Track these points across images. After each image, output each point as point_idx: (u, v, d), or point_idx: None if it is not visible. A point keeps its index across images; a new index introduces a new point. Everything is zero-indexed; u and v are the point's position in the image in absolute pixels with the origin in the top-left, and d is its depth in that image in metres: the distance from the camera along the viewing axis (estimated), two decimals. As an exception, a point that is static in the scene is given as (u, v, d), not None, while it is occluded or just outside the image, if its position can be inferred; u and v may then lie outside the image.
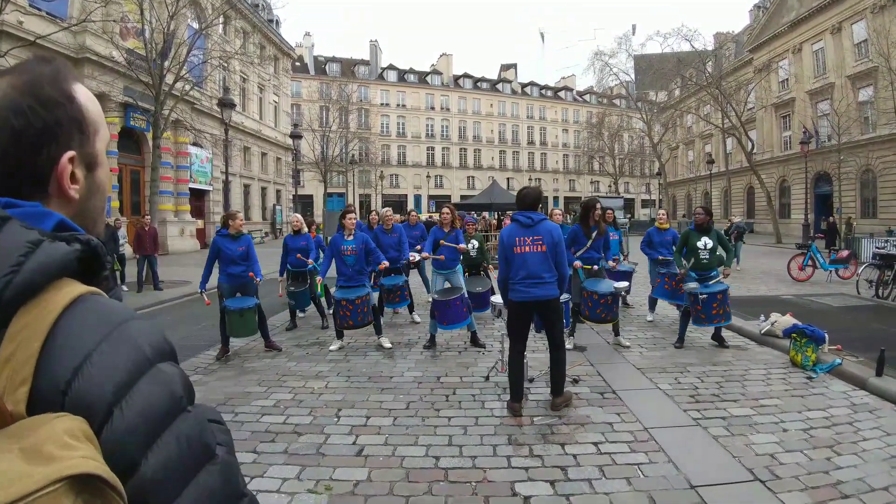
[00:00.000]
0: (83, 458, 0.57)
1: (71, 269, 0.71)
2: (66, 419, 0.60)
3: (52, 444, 0.56)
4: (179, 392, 0.72)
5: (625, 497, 3.62)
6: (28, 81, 0.78)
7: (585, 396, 5.61)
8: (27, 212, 0.73)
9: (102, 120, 0.87)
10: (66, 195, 0.80)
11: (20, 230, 0.68)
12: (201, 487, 0.69)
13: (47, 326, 0.65)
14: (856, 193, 33.09)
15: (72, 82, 0.82)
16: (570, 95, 76.78)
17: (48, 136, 0.77)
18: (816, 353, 6.53)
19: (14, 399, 0.61)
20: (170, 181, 25.06)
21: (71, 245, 0.71)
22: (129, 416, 0.64)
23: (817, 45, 36.07)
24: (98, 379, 0.64)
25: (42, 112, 0.76)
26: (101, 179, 0.87)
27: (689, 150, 58.18)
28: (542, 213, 5.35)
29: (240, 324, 7.13)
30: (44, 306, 0.66)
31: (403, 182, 65.30)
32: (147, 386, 0.68)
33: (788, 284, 14.07)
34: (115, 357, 0.67)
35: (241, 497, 0.75)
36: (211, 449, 0.73)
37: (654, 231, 9.41)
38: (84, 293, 0.71)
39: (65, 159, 0.78)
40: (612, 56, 46.02)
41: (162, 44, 16.65)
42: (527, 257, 5.12)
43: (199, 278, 7.75)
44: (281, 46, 42.58)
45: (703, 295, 7.21)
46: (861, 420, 4.93)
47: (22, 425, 0.59)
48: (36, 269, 0.66)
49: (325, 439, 4.58)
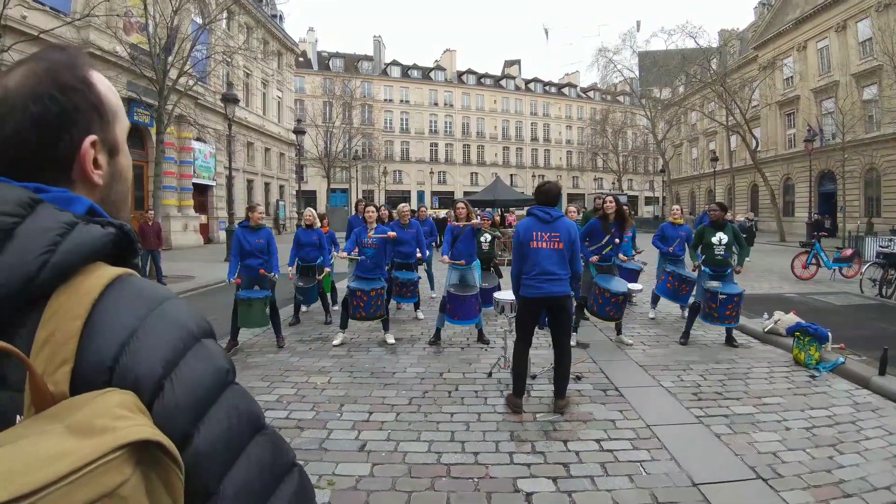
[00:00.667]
0: (141, 426, 0.57)
1: (105, 252, 0.72)
2: (116, 393, 0.60)
3: (105, 417, 0.56)
4: (226, 366, 0.73)
5: (627, 494, 3.62)
6: (45, 69, 0.78)
7: (588, 393, 5.62)
8: (57, 196, 0.73)
9: (121, 107, 0.87)
10: (89, 180, 0.80)
11: (54, 212, 0.69)
12: (252, 458, 0.70)
13: (88, 305, 0.65)
14: (860, 192, 32.99)
15: (88, 69, 0.82)
16: (574, 92, 76.57)
17: (68, 121, 0.77)
18: (819, 352, 6.53)
19: (55, 379, 0.61)
20: (173, 176, 25.07)
21: (105, 228, 0.72)
22: (180, 389, 0.65)
23: (822, 43, 35.93)
24: (146, 354, 0.65)
25: (61, 98, 0.76)
26: (123, 166, 0.87)
27: (693, 148, 58.08)
28: (560, 210, 5.34)
29: (248, 314, 7.12)
30: (81, 288, 0.66)
31: (407, 178, 65.26)
32: (194, 360, 0.69)
33: (792, 282, 14.06)
34: (162, 333, 0.68)
35: (292, 467, 0.77)
36: (260, 421, 0.74)
37: (667, 226, 9.41)
38: (122, 273, 0.71)
39: (87, 143, 0.78)
40: (616, 52, 46.08)
41: (165, 39, 16.61)
42: (542, 253, 5.09)
43: (201, 273, 7.76)
44: (284, 42, 42.51)
45: (723, 295, 7.19)
46: (864, 419, 4.93)
47: (65, 404, 0.59)
48: (72, 249, 0.66)
49: (328, 434, 4.59)
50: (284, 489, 0.73)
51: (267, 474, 0.71)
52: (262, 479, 0.70)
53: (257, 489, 0.69)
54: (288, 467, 0.75)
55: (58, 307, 0.64)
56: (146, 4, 16.52)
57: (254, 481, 0.69)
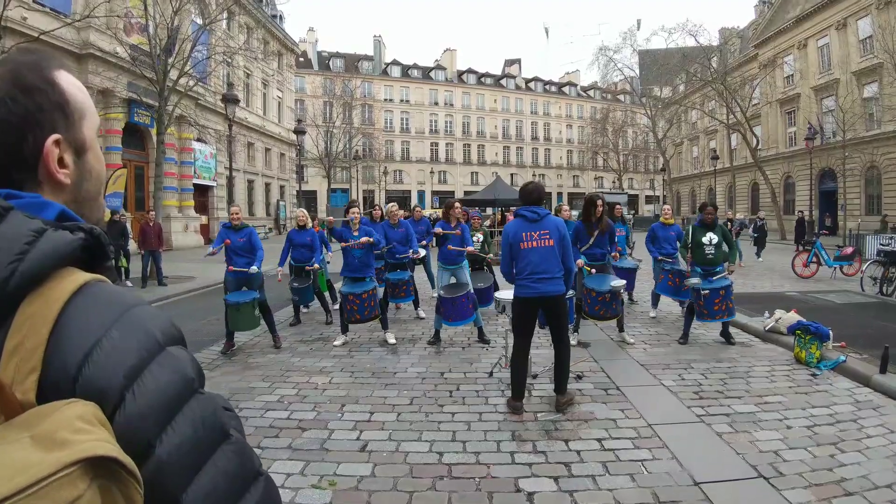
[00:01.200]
0: (97, 441, 0.57)
1: (75, 257, 0.71)
2: (78, 405, 0.60)
3: (65, 430, 0.56)
4: (191, 374, 0.72)
5: (628, 493, 3.62)
6: (9, 71, 0.78)
7: (589, 393, 5.61)
8: (28, 202, 0.74)
9: (90, 105, 0.87)
10: (55, 180, 0.80)
11: (23, 219, 0.69)
12: (217, 468, 0.69)
13: (55, 314, 0.65)
14: (860, 190, 32.94)
15: (54, 69, 0.82)
16: (575, 91, 76.50)
17: (31, 121, 0.77)
18: (821, 350, 6.52)
19: (23, 388, 0.61)
20: (174, 177, 25.10)
21: (74, 234, 0.72)
22: (142, 399, 0.65)
23: (822, 41, 35.89)
24: (109, 363, 0.65)
25: (23, 99, 0.77)
26: (92, 164, 0.87)
27: (693, 146, 58.03)
28: (546, 209, 5.33)
29: (237, 318, 7.14)
30: (50, 294, 0.66)
31: (407, 178, 65.26)
32: (158, 369, 0.68)
33: (793, 281, 14.05)
34: (126, 341, 0.67)
35: (258, 476, 0.76)
36: (225, 429, 0.73)
37: (658, 226, 9.40)
38: (90, 280, 0.71)
39: (49, 142, 0.78)
40: (616, 51, 46.15)
41: (166, 39, 16.61)
42: (534, 252, 5.08)
43: (202, 273, 7.78)
44: (285, 42, 42.51)
45: (706, 290, 7.22)
46: (865, 417, 4.92)
47: (33, 413, 0.59)
48: (41, 257, 0.66)
49: (329, 435, 4.59)
50: (249, 498, 0.72)
51: (232, 483, 0.70)
52: (227, 489, 0.70)
53: (222, 498, 0.69)
54: (254, 476, 0.75)
55: (28, 315, 0.64)
56: (146, 5, 16.52)
57: (219, 491, 0.68)
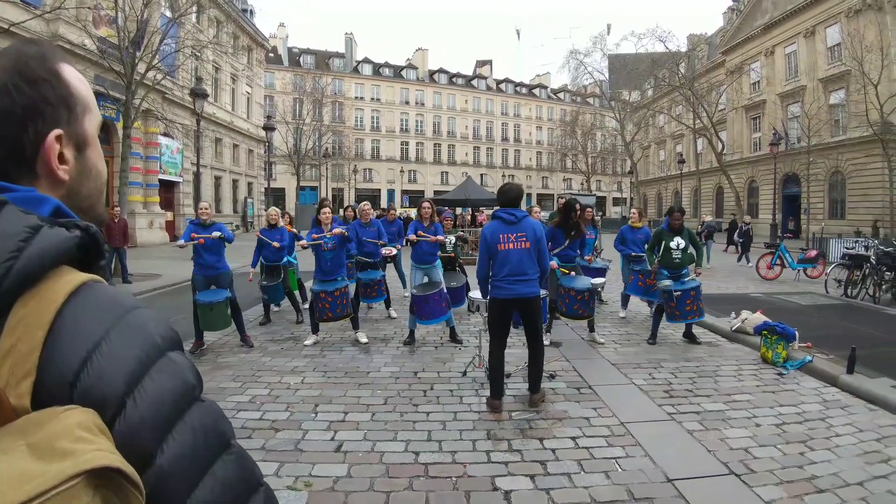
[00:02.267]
0: (100, 452, 0.55)
1: (70, 255, 0.69)
2: (77, 412, 0.58)
3: (65, 439, 0.54)
4: (192, 381, 0.70)
5: (603, 490, 3.65)
6: (13, 61, 0.76)
7: (562, 392, 5.66)
8: (23, 196, 0.71)
9: (92, 101, 0.84)
10: (54, 175, 0.77)
11: (19, 215, 0.66)
12: (218, 478, 0.68)
13: (51, 315, 0.62)
14: (824, 195, 33.78)
15: (58, 61, 0.80)
16: (545, 93, 77.15)
17: (34, 112, 0.75)
18: (787, 350, 6.67)
19: (17, 393, 0.58)
20: (139, 172, 24.57)
21: (71, 231, 0.69)
22: (143, 406, 0.63)
23: (790, 48, 36.74)
24: (109, 369, 0.62)
25: (27, 89, 0.75)
26: (93, 161, 0.84)
27: (660, 150, 58.98)
28: (524, 210, 5.36)
29: (210, 318, 7.03)
30: (45, 295, 0.64)
31: (377, 176, 65.01)
32: (159, 375, 0.66)
33: (757, 283, 14.34)
34: (126, 346, 0.65)
35: (259, 486, 0.74)
36: (226, 438, 0.72)
37: (626, 229, 9.52)
38: (87, 281, 0.68)
39: (51, 137, 0.76)
40: (587, 55, 46.87)
41: (135, 32, 16.30)
42: (511, 254, 5.12)
43: (168, 271, 7.64)
44: (255, 37, 41.99)
45: (678, 292, 7.32)
46: (833, 416, 5.04)
47: (28, 420, 0.56)
48: (37, 255, 0.64)
49: (304, 435, 4.54)
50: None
51: (233, 494, 0.69)
52: (227, 499, 0.68)
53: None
54: (254, 487, 0.74)
55: (22, 315, 0.62)
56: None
57: (219, 501, 0.67)
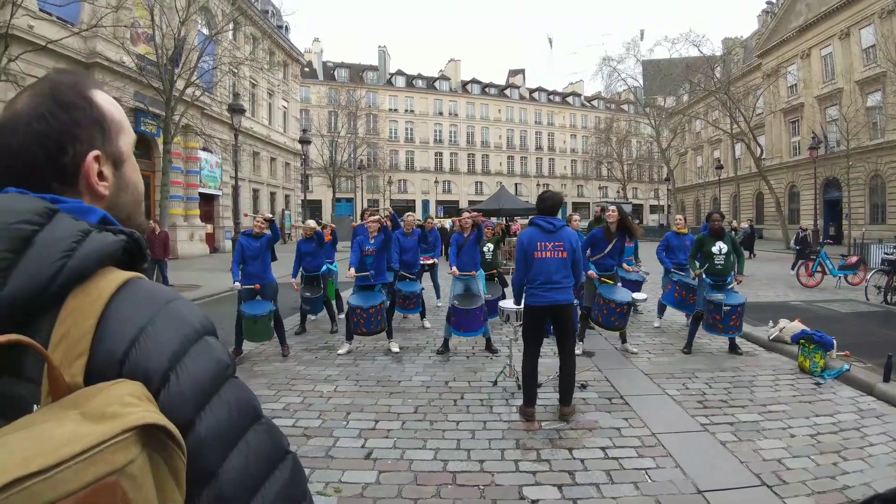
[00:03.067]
0: (148, 412, 0.63)
1: (116, 257, 0.78)
2: (127, 384, 0.66)
3: (116, 404, 0.61)
4: (226, 360, 0.80)
5: (632, 501, 3.63)
6: (49, 89, 0.85)
7: (593, 402, 5.63)
8: (72, 207, 0.80)
9: (125, 121, 0.94)
10: (95, 191, 0.86)
11: (70, 221, 0.75)
12: (250, 445, 0.75)
13: (102, 305, 0.72)
14: (864, 199, 32.91)
15: (91, 88, 0.89)
16: (579, 101, 76.66)
17: (70, 136, 0.83)
18: (825, 359, 6.53)
19: (71, 371, 0.67)
20: (180, 186, 25.22)
21: (117, 236, 0.79)
22: (184, 381, 0.72)
23: (825, 51, 36.00)
24: (154, 348, 0.71)
25: (62, 115, 0.83)
26: (129, 176, 0.94)
27: (697, 156, 58.04)
28: (562, 220, 5.39)
29: (253, 330, 7.18)
30: (94, 289, 0.73)
31: (412, 187, 65.38)
32: (198, 355, 0.75)
33: (797, 290, 14.03)
34: (168, 330, 0.74)
35: (286, 454, 0.82)
36: (257, 412, 0.80)
37: (671, 235, 9.39)
38: (132, 277, 0.78)
39: (90, 158, 0.85)
40: (620, 61, 46.47)
41: (172, 49, 16.77)
42: (547, 262, 5.15)
43: (208, 282, 7.81)
44: (290, 52, 42.81)
45: (727, 307, 7.19)
46: (868, 426, 4.93)
47: (80, 393, 0.64)
48: (87, 255, 0.73)
49: (335, 442, 4.62)
50: (279, 475, 0.78)
51: (263, 460, 0.76)
52: (258, 465, 0.76)
53: (254, 473, 0.75)
54: (282, 455, 0.81)
55: (74, 307, 0.70)
56: (153, 15, 16.68)
57: (251, 466, 0.74)
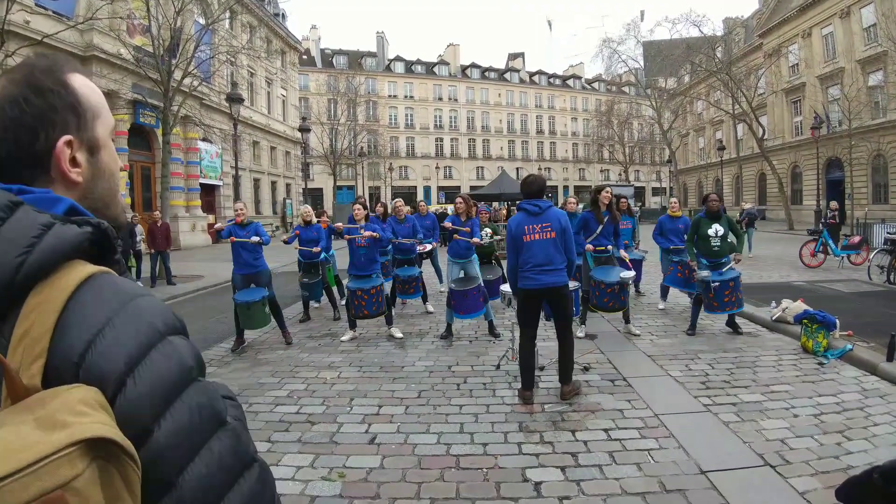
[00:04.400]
0: (96, 423, 0.60)
1: (82, 250, 0.75)
2: (81, 389, 0.63)
3: (66, 413, 0.59)
4: (189, 363, 0.75)
5: (635, 482, 3.65)
6: (24, 75, 0.82)
7: (596, 384, 5.64)
8: (39, 197, 0.77)
9: (103, 106, 0.90)
10: (67, 178, 0.83)
11: (32, 214, 0.72)
12: (213, 453, 0.72)
13: (61, 303, 0.68)
14: (867, 179, 32.73)
15: (67, 72, 0.86)
16: (579, 84, 76.25)
17: (42, 121, 0.81)
18: (827, 339, 6.52)
19: (29, 373, 0.64)
20: (180, 177, 25.21)
21: (82, 228, 0.75)
22: (142, 385, 0.68)
23: (826, 30, 35.64)
24: (110, 351, 0.68)
25: (35, 99, 0.80)
26: (105, 163, 0.90)
27: (699, 137, 57.74)
28: (548, 201, 5.36)
29: (247, 316, 7.20)
30: (57, 285, 0.70)
31: (413, 173, 65.24)
32: (158, 357, 0.71)
33: (800, 271, 14.00)
34: (127, 330, 0.70)
35: (252, 463, 0.78)
36: (222, 417, 0.76)
37: (665, 219, 9.34)
38: (95, 272, 0.74)
39: (61, 143, 0.82)
40: (620, 43, 46.08)
41: (169, 40, 16.69)
42: (536, 245, 5.13)
43: (210, 272, 7.81)
44: (287, 40, 42.57)
45: (716, 283, 7.19)
46: (872, 405, 4.93)
47: (37, 398, 0.62)
48: (48, 249, 0.69)
49: (339, 428, 4.65)
50: (244, 484, 0.75)
51: (227, 469, 0.73)
52: (221, 474, 0.72)
53: (217, 483, 0.71)
54: (248, 462, 0.77)
55: (35, 304, 0.68)
56: (148, 6, 16.58)
57: (214, 475, 0.71)
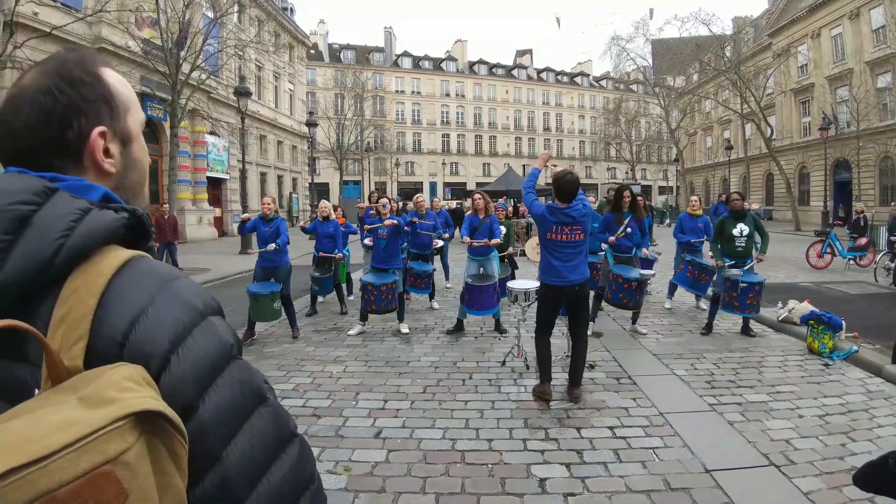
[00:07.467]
0: (144, 398, 0.61)
1: (118, 235, 0.77)
2: (125, 367, 0.65)
3: (113, 389, 0.60)
4: (230, 341, 0.78)
5: (640, 480, 3.66)
6: (56, 66, 0.84)
7: (601, 382, 5.66)
8: (72, 185, 0.79)
9: (134, 100, 0.92)
10: (100, 168, 0.85)
11: (69, 199, 0.74)
12: (255, 428, 0.74)
13: (102, 286, 0.70)
14: (874, 181, 32.54)
15: (99, 65, 0.87)
16: (587, 81, 75.86)
17: (76, 111, 0.82)
18: (833, 340, 6.52)
19: (71, 355, 0.66)
20: (187, 170, 25.22)
21: (119, 213, 0.77)
22: (186, 363, 0.70)
23: (836, 31, 35.41)
24: (155, 330, 0.70)
25: (68, 90, 0.81)
26: (136, 155, 0.92)
27: (707, 136, 57.45)
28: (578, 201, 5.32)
29: (256, 308, 7.25)
30: (95, 268, 0.71)
31: (419, 169, 65.14)
32: (201, 336, 0.74)
33: (807, 272, 13.95)
34: (170, 310, 0.73)
35: (293, 437, 0.81)
36: (262, 393, 0.78)
37: (685, 217, 9.33)
38: (134, 255, 0.76)
39: (95, 133, 0.83)
40: (629, 41, 45.66)
41: (178, 33, 16.72)
42: (563, 245, 5.16)
43: (217, 265, 7.85)
44: (295, 34, 42.52)
45: (744, 283, 7.14)
46: (876, 407, 4.94)
47: (80, 377, 0.63)
48: (86, 233, 0.71)
49: (344, 422, 4.67)
50: (285, 458, 0.77)
51: (268, 443, 0.75)
52: (263, 448, 0.74)
53: (259, 457, 0.74)
54: (289, 437, 0.80)
55: (74, 287, 0.69)
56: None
57: (256, 449, 0.73)
